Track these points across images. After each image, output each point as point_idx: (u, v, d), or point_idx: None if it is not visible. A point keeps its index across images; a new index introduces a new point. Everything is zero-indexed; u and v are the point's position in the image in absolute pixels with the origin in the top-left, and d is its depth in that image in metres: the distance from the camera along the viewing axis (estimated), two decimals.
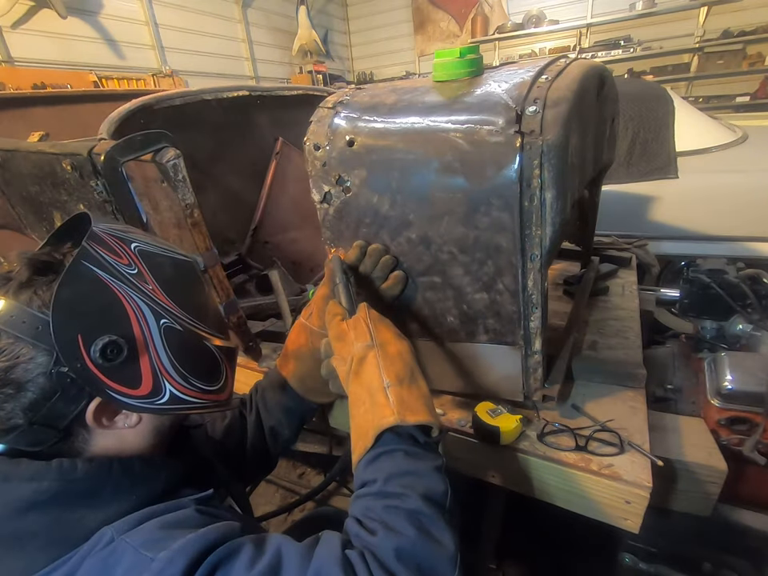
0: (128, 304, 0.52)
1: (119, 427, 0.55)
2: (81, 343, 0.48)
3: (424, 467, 0.53)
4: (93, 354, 0.49)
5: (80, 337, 0.49)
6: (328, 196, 0.85)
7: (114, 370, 0.51)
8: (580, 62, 0.86)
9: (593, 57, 5.73)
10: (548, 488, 0.82)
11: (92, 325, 0.50)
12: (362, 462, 0.55)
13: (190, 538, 0.46)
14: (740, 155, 2.33)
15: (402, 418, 0.53)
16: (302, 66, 7.35)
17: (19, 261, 0.53)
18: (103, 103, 2.30)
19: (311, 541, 0.50)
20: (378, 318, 0.67)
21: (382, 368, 0.58)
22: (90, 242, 0.53)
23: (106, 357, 0.49)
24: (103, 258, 0.52)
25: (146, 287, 0.54)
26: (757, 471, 0.93)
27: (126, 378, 0.52)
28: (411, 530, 0.47)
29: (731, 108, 5.34)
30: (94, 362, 0.49)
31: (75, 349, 0.48)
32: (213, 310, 0.68)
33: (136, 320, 0.52)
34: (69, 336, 0.48)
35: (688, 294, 1.19)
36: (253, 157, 1.71)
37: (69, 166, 0.95)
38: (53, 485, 0.49)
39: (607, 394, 0.95)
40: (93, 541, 0.48)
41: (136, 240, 0.58)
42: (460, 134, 0.72)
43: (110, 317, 0.51)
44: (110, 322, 0.51)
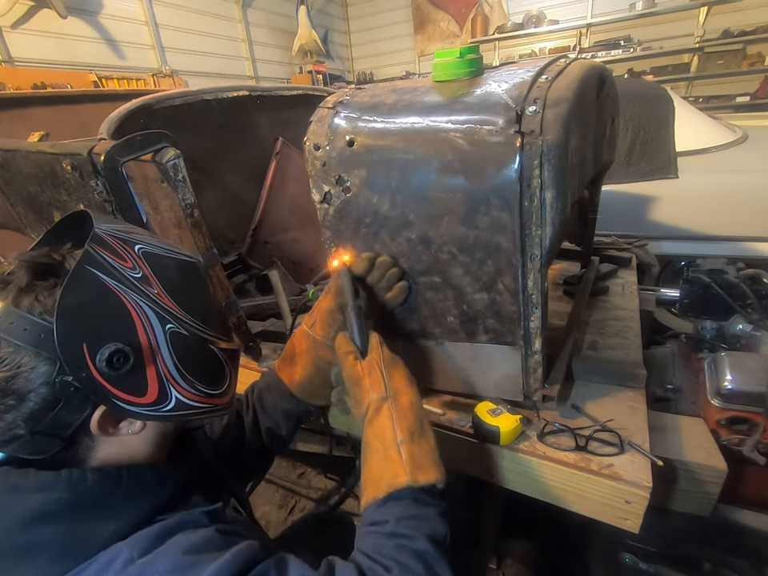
0: (133, 310, 0.51)
1: (123, 434, 0.54)
2: (86, 352, 0.47)
3: (430, 513, 0.58)
4: (99, 362, 0.47)
5: (85, 345, 0.47)
6: (328, 196, 0.85)
7: (120, 378, 0.49)
8: (580, 62, 0.86)
9: (593, 57, 5.73)
10: (548, 488, 0.81)
11: (97, 332, 0.48)
12: (373, 506, 0.59)
13: (218, 568, 0.46)
14: (740, 155, 2.33)
15: (413, 479, 0.58)
16: (302, 65, 7.35)
17: (17, 263, 0.51)
18: (103, 103, 2.31)
19: (325, 570, 0.52)
20: (390, 360, 0.70)
21: (395, 421, 0.62)
22: (93, 245, 0.51)
23: (113, 365, 0.48)
24: (107, 261, 0.51)
25: (150, 291, 0.53)
26: (757, 471, 0.93)
27: (132, 386, 0.51)
28: (420, 568, 0.51)
29: (731, 108, 5.34)
30: (99, 371, 0.48)
31: (80, 358, 0.47)
32: (217, 311, 0.67)
33: (142, 326, 0.51)
34: (73, 344, 0.47)
35: (688, 294, 1.19)
36: (253, 157, 1.71)
37: (69, 166, 0.95)
38: (63, 495, 0.48)
39: (607, 394, 0.95)
40: (107, 557, 0.47)
41: (139, 241, 0.57)
42: (460, 134, 0.72)
43: (116, 324, 0.50)
44: (115, 329, 0.50)
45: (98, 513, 0.50)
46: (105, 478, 0.51)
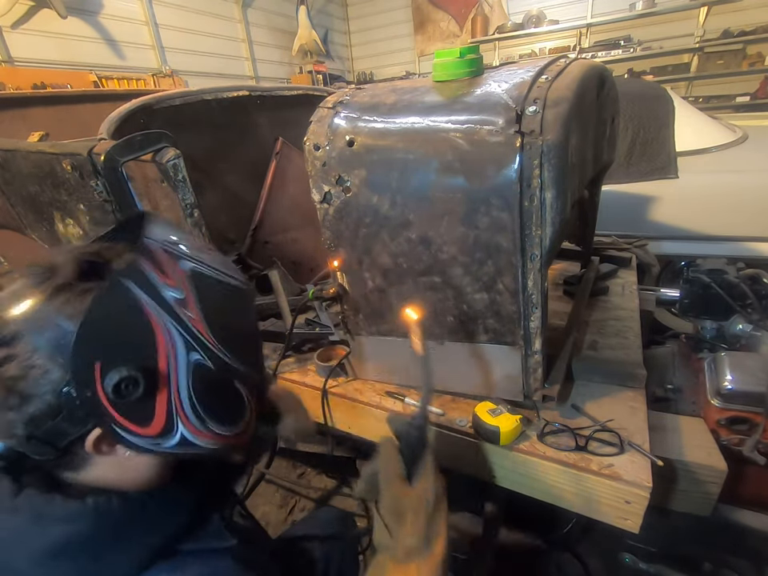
0: (161, 334, 0.46)
1: (120, 455, 0.50)
2: (97, 371, 0.43)
3: None
4: (106, 385, 0.43)
5: (98, 364, 0.43)
6: (328, 196, 0.85)
7: (125, 405, 0.45)
8: (580, 62, 0.86)
9: (593, 57, 5.73)
10: (548, 488, 0.81)
11: (114, 353, 0.45)
12: None
13: None
14: (740, 155, 2.33)
15: None
16: (301, 66, 7.35)
17: (68, 255, 0.47)
18: (103, 103, 2.30)
19: None
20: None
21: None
22: (139, 255, 0.47)
23: (120, 392, 0.44)
24: (148, 275, 0.47)
25: (186, 315, 0.48)
26: (757, 471, 0.93)
27: (137, 415, 0.47)
28: None
29: (731, 108, 5.34)
30: (106, 394, 0.44)
31: (90, 376, 0.43)
32: (253, 344, 0.61)
33: (165, 353, 0.46)
34: (87, 360, 0.43)
35: (688, 294, 1.19)
36: (253, 157, 1.71)
37: (69, 166, 0.95)
38: (88, 528, 0.46)
39: (607, 394, 0.95)
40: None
41: (192, 258, 0.52)
42: (460, 134, 0.72)
43: (137, 346, 0.46)
44: (134, 351, 0.46)
45: (116, 545, 0.48)
46: (130, 506, 0.49)
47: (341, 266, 0.92)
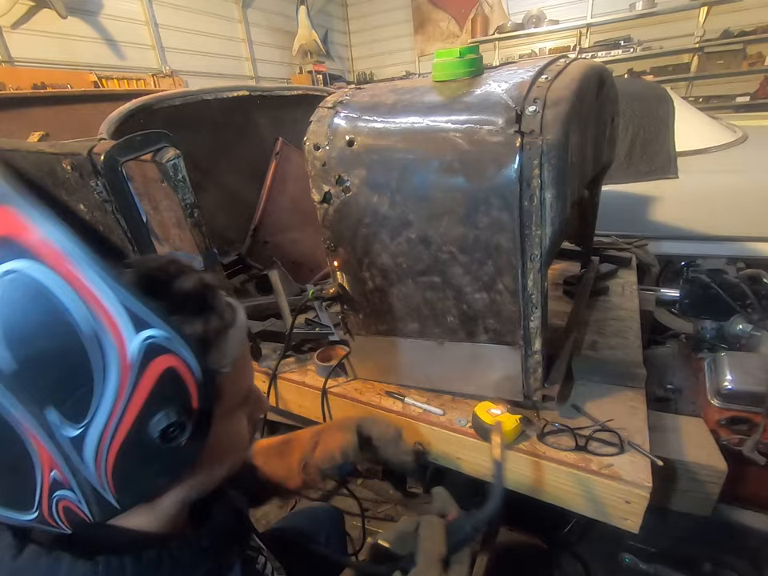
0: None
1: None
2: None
3: None
4: (153, 429, 0.36)
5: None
6: (328, 196, 0.85)
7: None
8: (580, 62, 0.86)
9: (593, 57, 5.72)
10: (548, 488, 0.81)
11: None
12: None
13: None
14: (740, 155, 2.33)
15: None
16: (302, 66, 7.34)
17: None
18: (103, 103, 2.30)
19: None
20: None
21: None
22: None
23: (167, 436, 0.37)
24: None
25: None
26: (757, 471, 0.93)
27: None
28: None
29: (731, 108, 5.34)
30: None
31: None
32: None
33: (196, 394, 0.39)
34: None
35: (688, 294, 1.19)
36: (253, 157, 1.71)
37: (69, 166, 0.95)
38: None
39: (607, 394, 0.95)
40: None
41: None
42: (460, 134, 0.72)
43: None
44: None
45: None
46: (144, 567, 0.41)
47: (341, 266, 0.92)
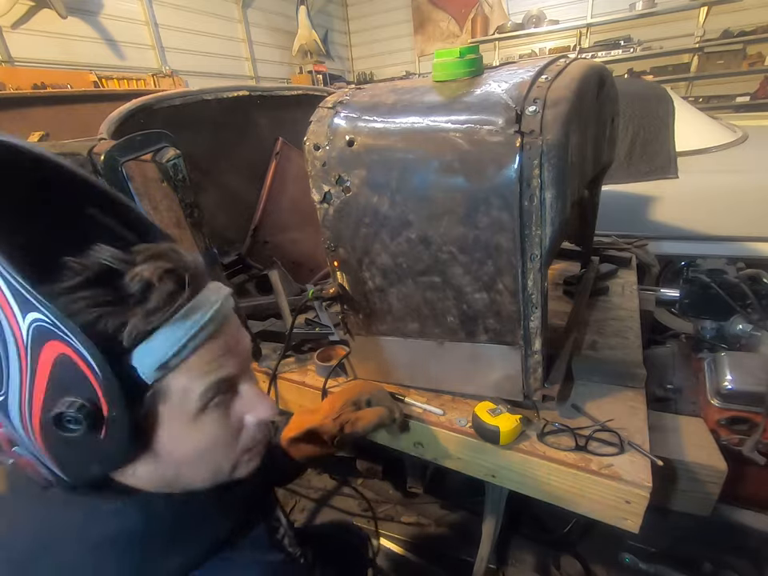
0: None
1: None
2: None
3: None
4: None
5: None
6: (328, 196, 0.85)
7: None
8: (580, 62, 0.86)
9: (593, 57, 5.73)
10: (548, 488, 0.81)
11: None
12: None
13: None
14: (740, 155, 2.33)
15: None
16: (302, 66, 7.35)
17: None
18: (103, 103, 2.30)
19: None
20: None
21: None
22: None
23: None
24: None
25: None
26: (757, 471, 0.93)
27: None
28: None
29: (731, 108, 5.34)
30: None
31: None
32: None
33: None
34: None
35: (688, 294, 1.19)
36: (253, 157, 1.71)
37: None
38: (137, 524, 0.44)
39: (607, 394, 0.95)
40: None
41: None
42: (460, 134, 0.72)
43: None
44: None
45: (166, 545, 0.46)
46: (177, 506, 0.47)
47: (341, 266, 0.92)
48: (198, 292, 0.44)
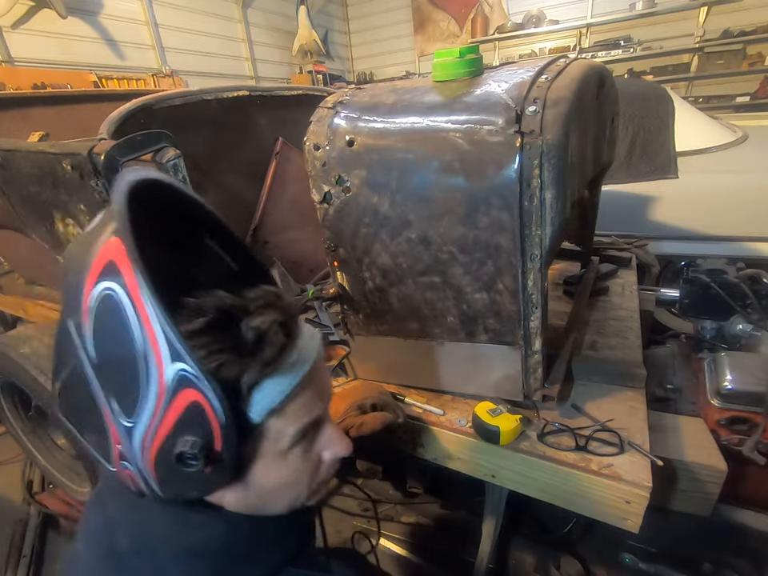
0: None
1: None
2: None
3: None
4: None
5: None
6: (328, 196, 0.85)
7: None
8: (580, 62, 0.86)
9: (593, 57, 5.72)
10: (548, 488, 0.81)
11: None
12: None
13: None
14: (740, 155, 2.33)
15: None
16: (302, 66, 7.34)
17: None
18: (103, 103, 2.30)
19: None
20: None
21: None
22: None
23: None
24: None
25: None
26: (757, 471, 0.93)
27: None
28: None
29: (731, 108, 5.34)
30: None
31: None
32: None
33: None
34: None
35: (688, 294, 1.19)
36: (253, 157, 1.70)
37: (69, 165, 0.95)
38: (221, 536, 0.47)
39: (607, 394, 0.95)
40: None
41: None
42: (460, 134, 0.72)
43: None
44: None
45: (245, 558, 0.49)
46: (256, 525, 0.50)
47: (341, 266, 0.92)
48: (298, 337, 0.46)
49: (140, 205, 0.40)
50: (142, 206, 0.41)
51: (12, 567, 1.51)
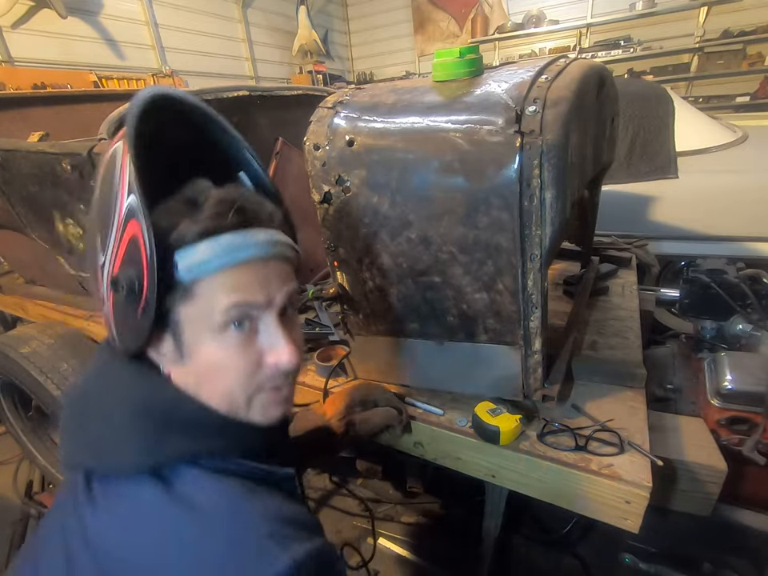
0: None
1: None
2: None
3: None
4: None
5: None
6: (328, 196, 0.85)
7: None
8: (580, 62, 0.86)
9: (593, 57, 5.72)
10: (548, 488, 0.81)
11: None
12: None
13: (315, 549, 0.44)
14: (740, 155, 2.33)
15: None
16: (302, 66, 7.34)
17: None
18: (103, 103, 2.30)
19: None
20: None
21: None
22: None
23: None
24: None
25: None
26: (757, 471, 0.93)
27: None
28: None
29: (731, 108, 5.34)
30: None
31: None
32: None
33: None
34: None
35: (688, 294, 1.19)
36: None
37: (69, 166, 0.95)
38: (165, 401, 0.51)
39: (607, 394, 0.95)
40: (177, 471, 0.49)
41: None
42: (460, 134, 0.72)
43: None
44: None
45: (182, 429, 0.50)
46: (204, 409, 0.52)
47: (341, 266, 0.92)
48: (250, 226, 0.50)
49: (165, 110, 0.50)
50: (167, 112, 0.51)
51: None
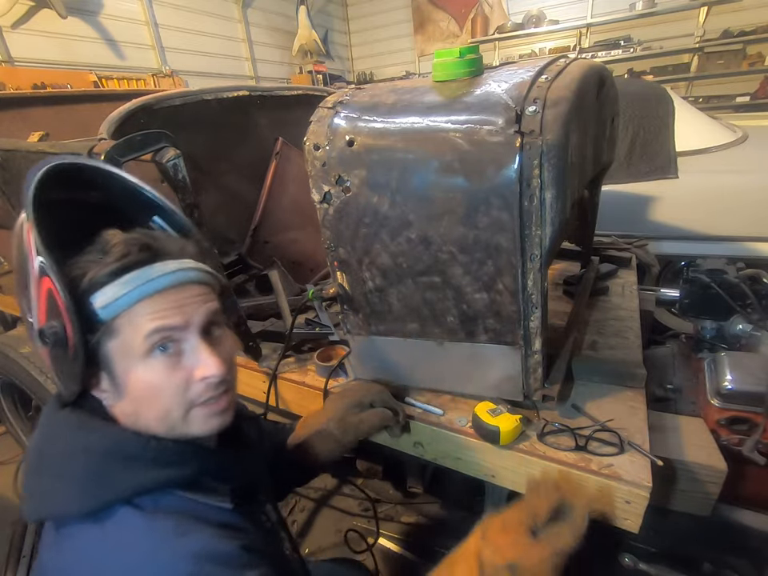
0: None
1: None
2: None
3: None
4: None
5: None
6: (328, 196, 0.85)
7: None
8: (580, 62, 0.86)
9: (593, 57, 5.73)
10: None
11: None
12: None
13: None
14: (740, 155, 2.33)
15: None
16: (302, 66, 7.35)
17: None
18: (103, 103, 2.30)
19: None
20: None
21: None
22: None
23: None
24: None
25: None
26: (757, 471, 0.93)
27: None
28: None
29: (731, 108, 5.34)
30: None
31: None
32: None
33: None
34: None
35: (688, 294, 1.18)
36: (253, 157, 1.70)
37: None
38: (106, 441, 0.54)
39: (607, 394, 0.95)
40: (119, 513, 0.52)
41: None
42: (460, 134, 0.72)
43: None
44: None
45: (125, 467, 0.53)
46: (139, 438, 0.55)
47: (341, 266, 0.92)
48: (158, 260, 0.53)
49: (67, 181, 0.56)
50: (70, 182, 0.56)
51: (12, 567, 1.51)
